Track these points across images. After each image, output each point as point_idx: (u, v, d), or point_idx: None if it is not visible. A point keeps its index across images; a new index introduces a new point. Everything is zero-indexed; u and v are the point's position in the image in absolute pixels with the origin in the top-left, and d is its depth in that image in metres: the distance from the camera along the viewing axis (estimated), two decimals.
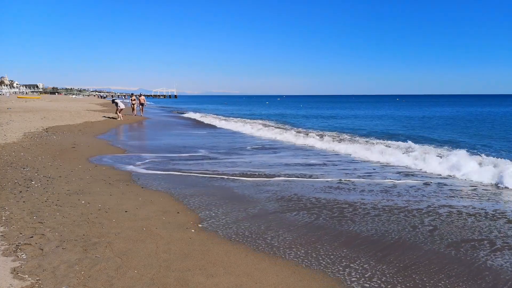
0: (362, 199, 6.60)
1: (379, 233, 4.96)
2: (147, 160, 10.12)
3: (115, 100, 26.03)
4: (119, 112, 24.59)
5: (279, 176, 8.42)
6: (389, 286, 3.58)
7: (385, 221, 5.45)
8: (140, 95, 32.15)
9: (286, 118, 33.19)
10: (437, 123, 27.48)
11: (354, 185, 7.69)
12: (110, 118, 24.60)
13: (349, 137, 17.60)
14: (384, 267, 3.98)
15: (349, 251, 4.39)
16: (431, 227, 5.20)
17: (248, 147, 13.53)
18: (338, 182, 7.90)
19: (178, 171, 8.77)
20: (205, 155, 11.35)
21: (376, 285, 3.59)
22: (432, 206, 6.23)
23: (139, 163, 9.72)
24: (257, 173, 8.65)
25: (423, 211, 5.93)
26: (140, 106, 31.14)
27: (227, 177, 8.24)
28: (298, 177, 8.34)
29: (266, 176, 8.41)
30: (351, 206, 6.16)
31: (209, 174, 8.53)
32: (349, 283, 3.63)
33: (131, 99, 31.20)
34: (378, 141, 15.55)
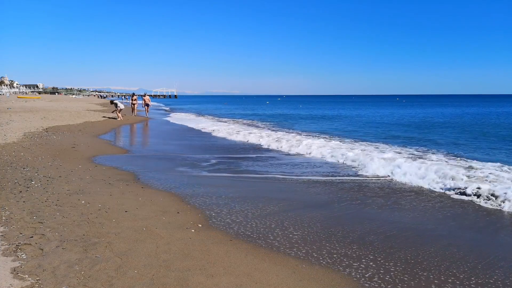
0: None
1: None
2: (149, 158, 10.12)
3: (114, 101, 25.30)
4: (119, 113, 24.30)
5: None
6: (389, 286, 3.59)
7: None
8: (144, 95, 30.38)
9: (292, 120, 31.67)
10: (440, 121, 27.49)
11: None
12: (110, 118, 24.50)
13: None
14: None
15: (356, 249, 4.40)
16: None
17: None
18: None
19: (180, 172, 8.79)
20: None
21: (377, 285, 3.60)
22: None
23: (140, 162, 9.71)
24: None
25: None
26: (145, 107, 29.74)
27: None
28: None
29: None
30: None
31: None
32: (350, 282, 3.64)
33: (132, 99, 29.81)
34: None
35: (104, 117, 25.08)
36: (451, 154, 11.99)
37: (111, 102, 26.28)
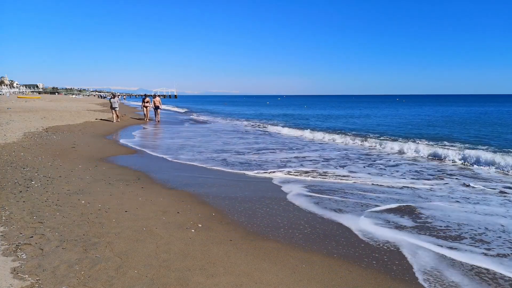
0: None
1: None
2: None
3: (111, 100, 22.86)
4: (115, 114, 22.72)
5: None
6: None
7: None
8: (155, 96, 26.21)
9: (308, 121, 29.09)
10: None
11: None
12: (104, 120, 23.30)
13: None
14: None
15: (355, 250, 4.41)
16: None
17: None
18: None
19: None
20: None
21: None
22: None
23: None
24: None
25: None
26: (155, 110, 25.76)
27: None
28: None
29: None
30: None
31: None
32: (350, 282, 3.64)
33: (144, 101, 25.92)
34: None
35: (97, 119, 23.60)
36: None
37: (110, 101, 23.02)
